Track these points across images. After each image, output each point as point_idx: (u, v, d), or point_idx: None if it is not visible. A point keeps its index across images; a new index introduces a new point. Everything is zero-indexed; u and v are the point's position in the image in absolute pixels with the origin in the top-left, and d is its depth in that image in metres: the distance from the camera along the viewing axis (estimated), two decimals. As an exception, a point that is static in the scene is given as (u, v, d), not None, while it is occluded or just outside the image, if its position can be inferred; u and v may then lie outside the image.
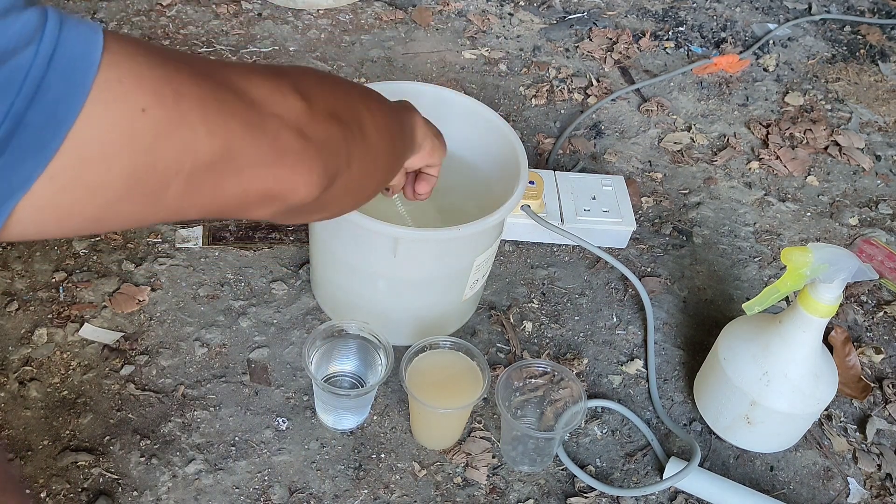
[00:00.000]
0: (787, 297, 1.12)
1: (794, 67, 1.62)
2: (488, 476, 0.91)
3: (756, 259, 1.21)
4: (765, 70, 1.60)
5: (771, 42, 1.67)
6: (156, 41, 1.45)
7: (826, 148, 1.43)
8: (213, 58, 0.43)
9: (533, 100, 1.45)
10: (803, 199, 1.33)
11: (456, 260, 0.94)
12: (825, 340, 0.99)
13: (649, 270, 1.17)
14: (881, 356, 1.09)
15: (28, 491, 0.84)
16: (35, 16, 0.34)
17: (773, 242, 1.24)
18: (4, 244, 1.07)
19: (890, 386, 1.06)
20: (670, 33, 1.66)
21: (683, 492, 0.92)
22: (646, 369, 1.04)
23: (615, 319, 1.10)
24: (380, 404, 0.96)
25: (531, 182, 1.12)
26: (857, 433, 1.01)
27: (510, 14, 1.65)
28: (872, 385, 1.06)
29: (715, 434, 0.98)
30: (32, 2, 0.35)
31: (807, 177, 1.37)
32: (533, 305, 1.10)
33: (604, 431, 0.97)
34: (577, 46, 1.59)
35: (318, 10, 1.58)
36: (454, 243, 0.91)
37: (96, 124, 0.36)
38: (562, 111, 1.44)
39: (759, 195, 1.32)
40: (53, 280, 1.04)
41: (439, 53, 1.53)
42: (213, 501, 0.86)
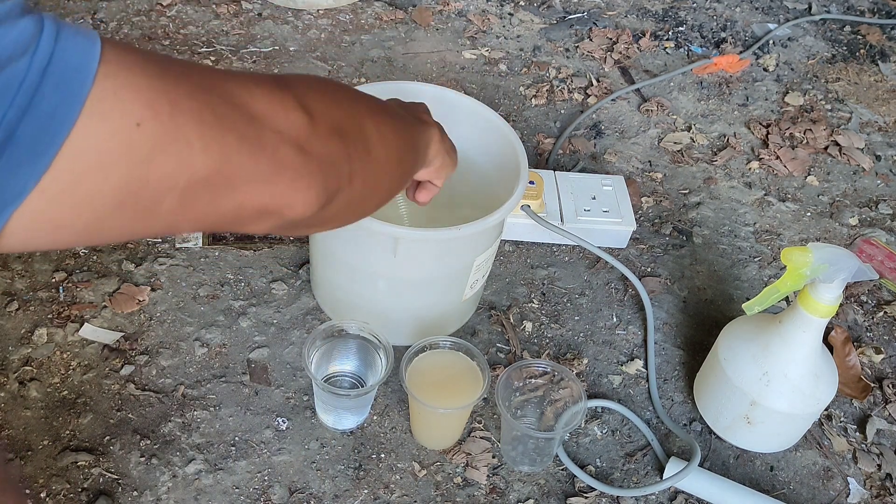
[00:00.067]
0: (787, 297, 1.12)
1: (794, 67, 1.62)
2: (488, 476, 0.91)
3: (756, 259, 1.21)
4: (765, 70, 1.60)
5: (771, 42, 1.67)
6: (156, 41, 1.45)
7: (826, 148, 1.43)
8: (218, 68, 0.43)
9: (533, 100, 1.45)
10: (803, 199, 1.33)
11: (456, 260, 0.94)
12: (825, 340, 0.99)
13: (649, 270, 1.17)
14: (881, 356, 1.09)
15: (28, 491, 0.84)
16: (31, 25, 0.34)
17: (773, 242, 1.24)
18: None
19: (890, 386, 1.06)
20: (670, 33, 1.66)
21: (683, 492, 0.92)
22: (646, 369, 1.04)
23: (615, 319, 1.10)
24: (380, 404, 0.96)
25: (531, 182, 1.12)
26: (857, 433, 1.01)
27: (510, 14, 1.65)
28: (872, 385, 1.06)
29: (715, 434, 0.98)
30: (29, 10, 0.34)
31: (807, 177, 1.37)
32: (533, 305, 1.10)
33: (604, 431, 0.97)
34: (577, 46, 1.59)
35: (318, 10, 1.58)
36: (454, 243, 0.91)
37: (90, 137, 0.35)
38: (562, 111, 1.44)
39: (759, 195, 1.32)
40: (53, 280, 1.04)
41: (439, 53, 1.53)
42: (213, 501, 0.86)
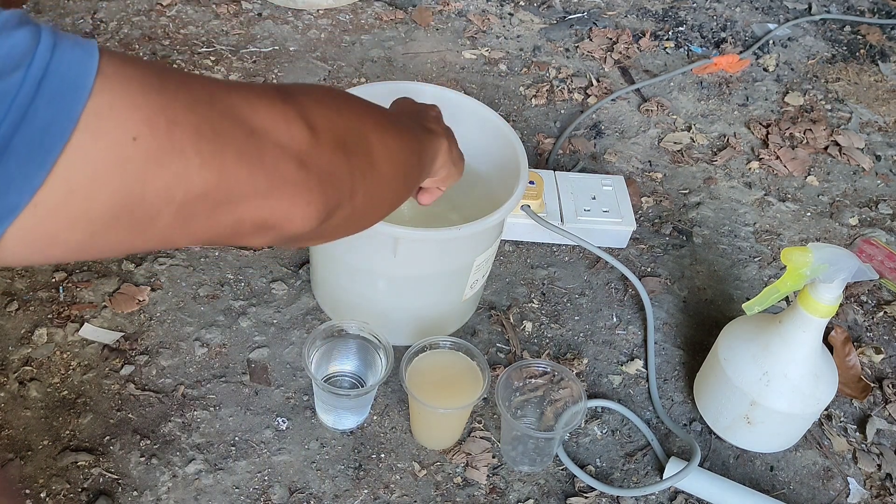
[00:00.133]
0: (787, 297, 1.12)
1: (794, 67, 1.62)
2: (488, 476, 0.91)
3: (756, 259, 1.21)
4: (765, 70, 1.60)
5: (771, 42, 1.67)
6: (156, 41, 1.45)
7: (826, 148, 1.43)
8: (220, 79, 0.42)
9: (533, 100, 1.45)
10: (803, 199, 1.33)
11: (456, 260, 0.94)
12: (825, 340, 0.99)
13: (649, 270, 1.17)
14: (881, 356, 1.09)
15: (28, 491, 0.84)
16: (27, 37, 0.33)
17: (773, 242, 1.24)
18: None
19: (890, 386, 1.06)
20: (670, 33, 1.66)
21: (683, 492, 0.92)
22: (646, 369, 1.04)
23: (615, 319, 1.10)
24: (380, 404, 0.96)
25: (531, 182, 1.12)
26: (857, 433, 1.01)
27: (510, 14, 1.65)
28: (872, 385, 1.06)
29: (715, 434, 0.98)
30: (26, 21, 0.34)
31: (807, 177, 1.37)
32: (533, 305, 1.10)
33: (604, 431, 0.97)
34: (577, 46, 1.59)
35: (318, 10, 1.58)
36: (454, 243, 0.91)
37: (85, 153, 0.35)
38: (562, 111, 1.43)
39: (759, 195, 1.32)
40: (53, 280, 1.04)
41: (439, 53, 1.53)
42: (213, 501, 0.86)
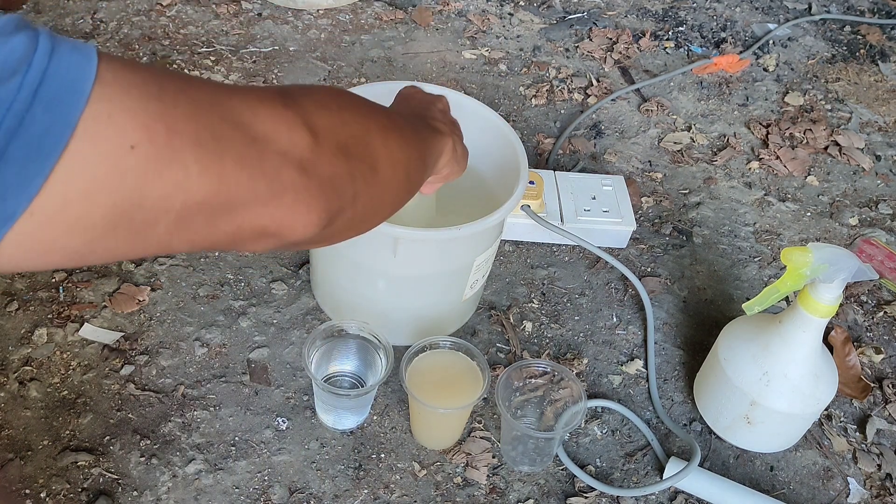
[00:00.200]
0: (787, 297, 1.12)
1: (794, 67, 1.62)
2: (488, 476, 0.91)
3: (756, 259, 1.21)
4: (765, 70, 1.60)
5: (771, 42, 1.67)
6: (156, 41, 1.45)
7: (826, 148, 1.43)
8: (222, 83, 0.42)
9: (533, 100, 1.45)
10: (803, 199, 1.33)
11: (456, 260, 0.94)
12: (825, 340, 0.99)
13: (649, 270, 1.17)
14: (881, 356, 1.09)
15: (27, 491, 0.84)
16: (24, 43, 0.33)
17: (773, 242, 1.24)
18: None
19: (890, 386, 1.06)
20: (670, 33, 1.66)
21: (683, 492, 0.92)
22: (646, 369, 1.04)
23: (615, 319, 1.10)
24: (380, 404, 0.96)
25: (531, 182, 1.12)
26: (857, 433, 1.01)
27: (510, 14, 1.65)
28: (872, 385, 1.06)
29: (715, 434, 0.98)
30: (24, 26, 0.33)
31: (807, 177, 1.37)
32: (533, 305, 1.10)
33: (604, 431, 0.97)
34: (577, 46, 1.59)
35: (318, 10, 1.58)
36: (454, 243, 0.91)
37: (82, 160, 0.34)
38: (562, 111, 1.43)
39: (759, 195, 1.32)
40: (53, 280, 1.04)
41: (439, 53, 1.53)
42: (213, 501, 0.86)
